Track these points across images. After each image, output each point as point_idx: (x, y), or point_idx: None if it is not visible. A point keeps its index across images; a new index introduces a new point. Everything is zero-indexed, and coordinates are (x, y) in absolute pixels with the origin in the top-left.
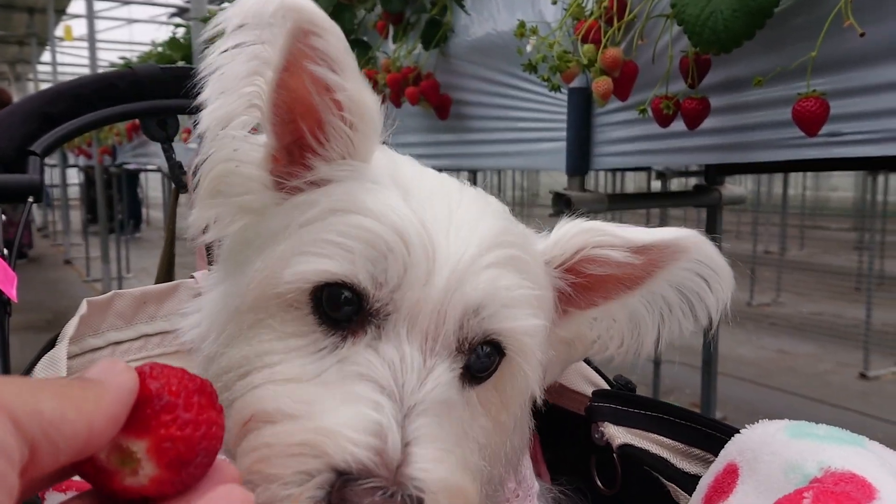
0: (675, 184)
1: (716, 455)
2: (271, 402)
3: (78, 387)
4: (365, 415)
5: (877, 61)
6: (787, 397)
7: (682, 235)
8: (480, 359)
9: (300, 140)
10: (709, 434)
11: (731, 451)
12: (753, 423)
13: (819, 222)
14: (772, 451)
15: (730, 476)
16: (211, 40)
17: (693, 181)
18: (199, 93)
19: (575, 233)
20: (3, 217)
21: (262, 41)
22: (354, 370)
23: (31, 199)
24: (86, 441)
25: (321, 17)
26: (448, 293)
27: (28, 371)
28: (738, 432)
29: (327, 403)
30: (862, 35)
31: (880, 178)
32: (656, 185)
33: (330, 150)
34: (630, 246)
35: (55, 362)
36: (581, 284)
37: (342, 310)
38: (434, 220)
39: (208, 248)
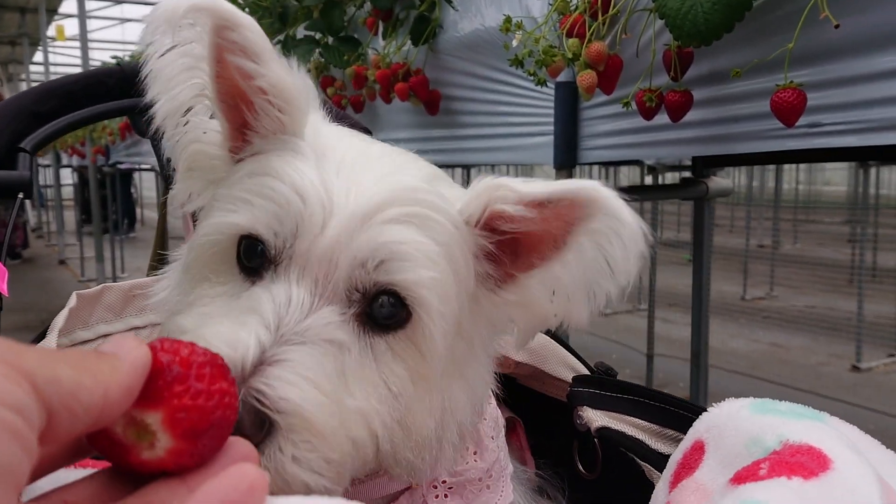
0: (670, 178)
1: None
2: (174, 325)
3: (94, 358)
4: (233, 331)
5: (854, 53)
6: (780, 389)
7: (579, 188)
8: (383, 308)
9: (245, 121)
10: (680, 414)
11: (699, 428)
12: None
13: (812, 216)
14: (735, 427)
15: (697, 452)
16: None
17: (686, 174)
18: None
19: (481, 190)
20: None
21: (191, 41)
22: (246, 305)
23: (20, 196)
24: (101, 410)
25: (232, 11)
26: (339, 243)
27: None
28: (706, 411)
29: (211, 325)
30: (837, 27)
31: (872, 171)
32: (649, 179)
33: (264, 128)
34: (525, 201)
35: None
36: (509, 244)
37: (253, 260)
38: (338, 178)
39: (193, 217)
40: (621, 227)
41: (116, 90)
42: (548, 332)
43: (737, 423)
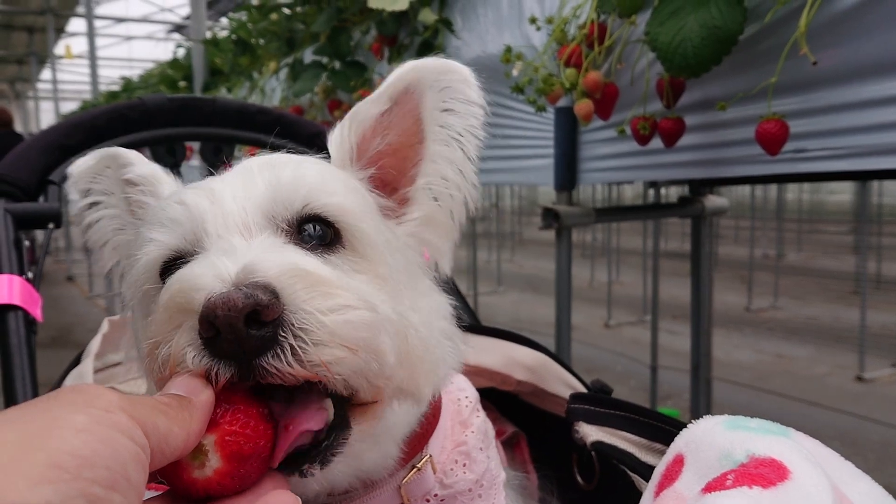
0: (673, 192)
1: None
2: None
3: (177, 405)
4: (205, 264)
5: (835, 83)
6: (784, 401)
7: (404, 72)
8: (313, 236)
9: None
10: (666, 430)
11: (679, 443)
12: None
13: (816, 226)
14: (710, 442)
15: (677, 465)
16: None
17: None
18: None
19: (340, 130)
20: (27, 242)
21: (107, 193)
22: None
23: (51, 226)
24: (183, 449)
25: (126, 152)
26: (237, 201)
27: (58, 384)
28: (686, 427)
29: (178, 274)
30: (815, 64)
31: (875, 182)
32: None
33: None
34: (376, 100)
35: (83, 377)
36: (388, 166)
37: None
38: (211, 179)
39: None
40: (450, 78)
41: (138, 123)
42: (547, 353)
43: (711, 439)
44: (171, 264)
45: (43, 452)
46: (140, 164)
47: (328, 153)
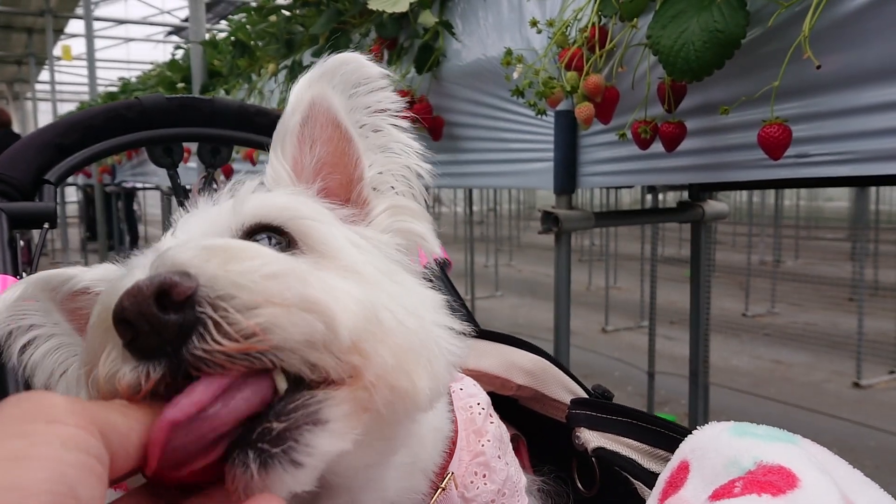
0: (671, 197)
1: None
2: None
3: (134, 405)
4: (123, 275)
5: (839, 88)
6: (782, 407)
7: (300, 91)
8: (273, 244)
9: None
10: (669, 436)
11: (685, 449)
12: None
13: (814, 232)
14: (716, 449)
15: (682, 472)
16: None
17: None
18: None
19: (271, 150)
20: (22, 243)
21: (42, 325)
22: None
23: (46, 226)
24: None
25: (56, 273)
26: (177, 238)
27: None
28: (691, 433)
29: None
30: (818, 68)
31: (872, 189)
32: (649, 198)
33: None
34: (287, 121)
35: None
36: (332, 177)
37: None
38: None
39: None
40: (343, 70)
41: (136, 123)
42: (547, 357)
43: (718, 445)
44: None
45: None
46: (83, 272)
47: None
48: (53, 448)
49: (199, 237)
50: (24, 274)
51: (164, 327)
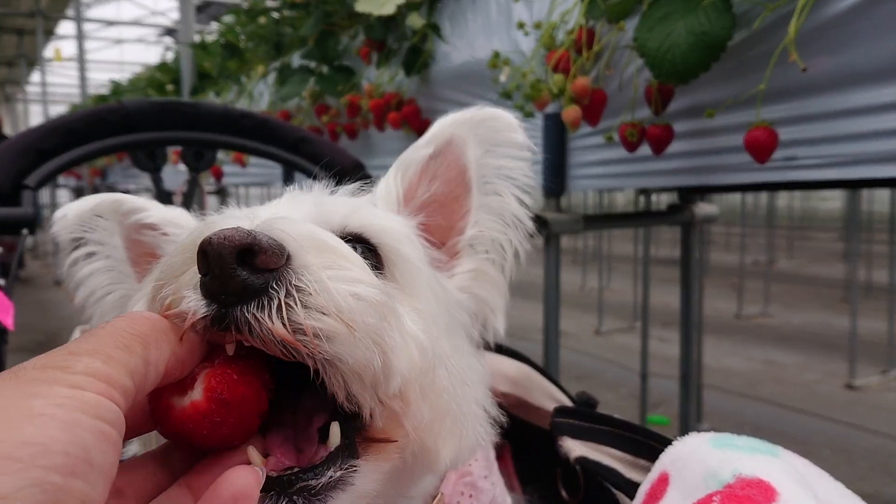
0: (665, 199)
1: None
2: None
3: (167, 327)
4: (234, 219)
5: (825, 90)
6: (774, 408)
7: (443, 127)
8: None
9: None
10: (651, 446)
11: (665, 460)
12: (740, 434)
13: (807, 233)
14: (696, 460)
15: (662, 483)
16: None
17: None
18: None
19: (387, 175)
20: (0, 249)
21: (103, 243)
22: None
23: (25, 231)
24: (167, 373)
25: (131, 199)
26: (280, 211)
27: None
28: (672, 444)
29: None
30: (804, 70)
31: (866, 189)
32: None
33: None
34: (423, 145)
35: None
36: (436, 216)
37: None
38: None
39: None
40: (491, 125)
41: (118, 127)
42: (532, 365)
43: (697, 457)
44: None
45: None
46: (158, 207)
47: (313, 160)
48: (72, 412)
49: (306, 219)
50: (2, 281)
51: (231, 278)
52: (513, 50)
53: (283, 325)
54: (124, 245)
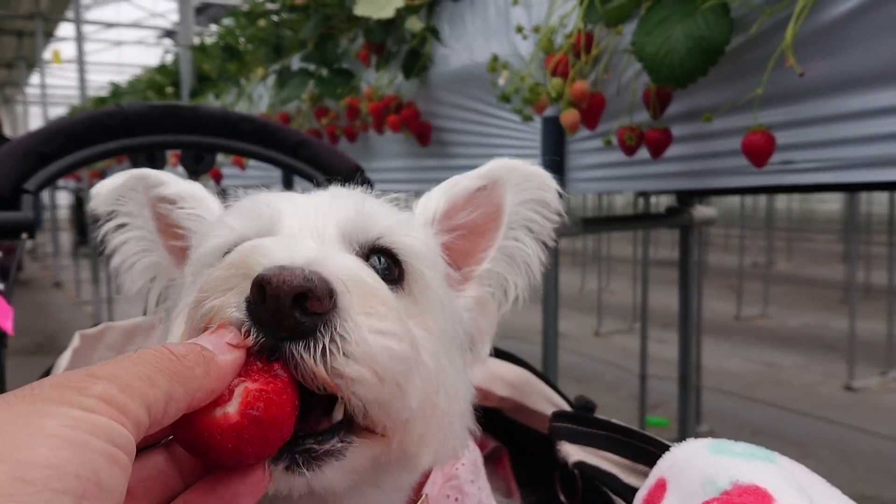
0: (664, 201)
1: None
2: None
3: (192, 359)
4: (283, 241)
5: (822, 94)
6: (774, 410)
7: (493, 168)
8: (378, 269)
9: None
10: (649, 451)
11: (662, 466)
12: (739, 437)
13: (806, 235)
14: (693, 467)
15: (659, 489)
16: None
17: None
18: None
19: (437, 190)
20: None
21: (134, 215)
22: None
23: (24, 236)
24: (187, 407)
25: (155, 173)
26: (318, 214)
27: None
28: (669, 449)
29: (257, 241)
30: (801, 75)
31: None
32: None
33: (191, 232)
34: (474, 177)
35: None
36: (464, 239)
37: None
38: (294, 195)
39: None
40: (532, 182)
41: (118, 130)
42: (531, 369)
43: (695, 463)
44: None
45: (6, 465)
46: (176, 181)
47: (313, 164)
48: (82, 434)
49: (329, 231)
50: (1, 286)
51: (287, 319)
52: (511, 53)
53: (326, 369)
54: (152, 216)
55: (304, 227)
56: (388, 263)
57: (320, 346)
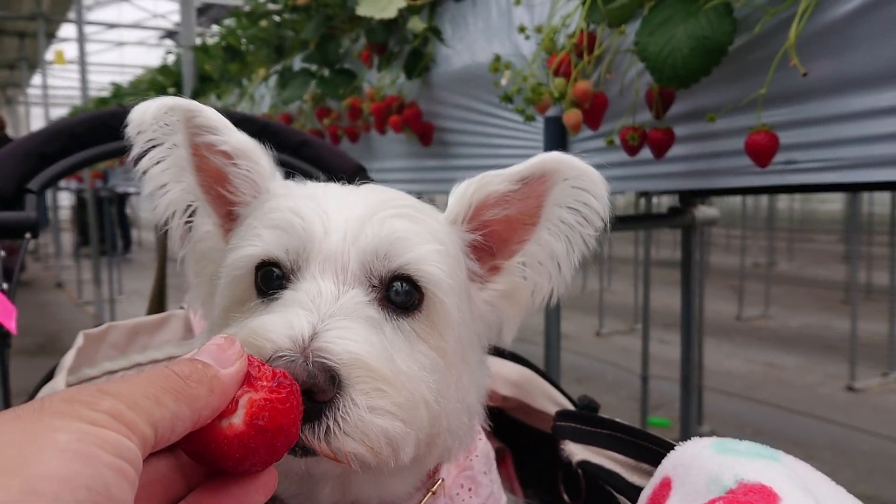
0: (665, 201)
1: None
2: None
3: (196, 379)
4: (284, 319)
5: (825, 94)
6: (775, 411)
7: (545, 159)
8: (400, 294)
9: (229, 201)
10: (653, 450)
11: (667, 465)
12: (741, 437)
13: (807, 235)
14: (698, 466)
15: (664, 488)
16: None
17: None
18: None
19: (465, 189)
20: (3, 253)
21: (171, 143)
22: (280, 303)
23: (28, 236)
24: (193, 426)
25: (193, 102)
26: (344, 241)
27: (29, 399)
28: (674, 448)
29: (256, 320)
30: (805, 75)
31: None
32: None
33: (243, 195)
34: (509, 179)
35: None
36: (493, 235)
37: (271, 285)
38: (328, 199)
39: None
40: (586, 180)
41: (120, 131)
42: (534, 369)
43: (700, 462)
44: (267, 265)
45: (18, 478)
46: (231, 133)
47: (315, 164)
48: (91, 447)
49: (352, 264)
50: (5, 285)
51: (321, 390)
52: (514, 53)
53: (328, 445)
54: (189, 149)
55: (328, 259)
56: (410, 289)
57: (324, 427)
